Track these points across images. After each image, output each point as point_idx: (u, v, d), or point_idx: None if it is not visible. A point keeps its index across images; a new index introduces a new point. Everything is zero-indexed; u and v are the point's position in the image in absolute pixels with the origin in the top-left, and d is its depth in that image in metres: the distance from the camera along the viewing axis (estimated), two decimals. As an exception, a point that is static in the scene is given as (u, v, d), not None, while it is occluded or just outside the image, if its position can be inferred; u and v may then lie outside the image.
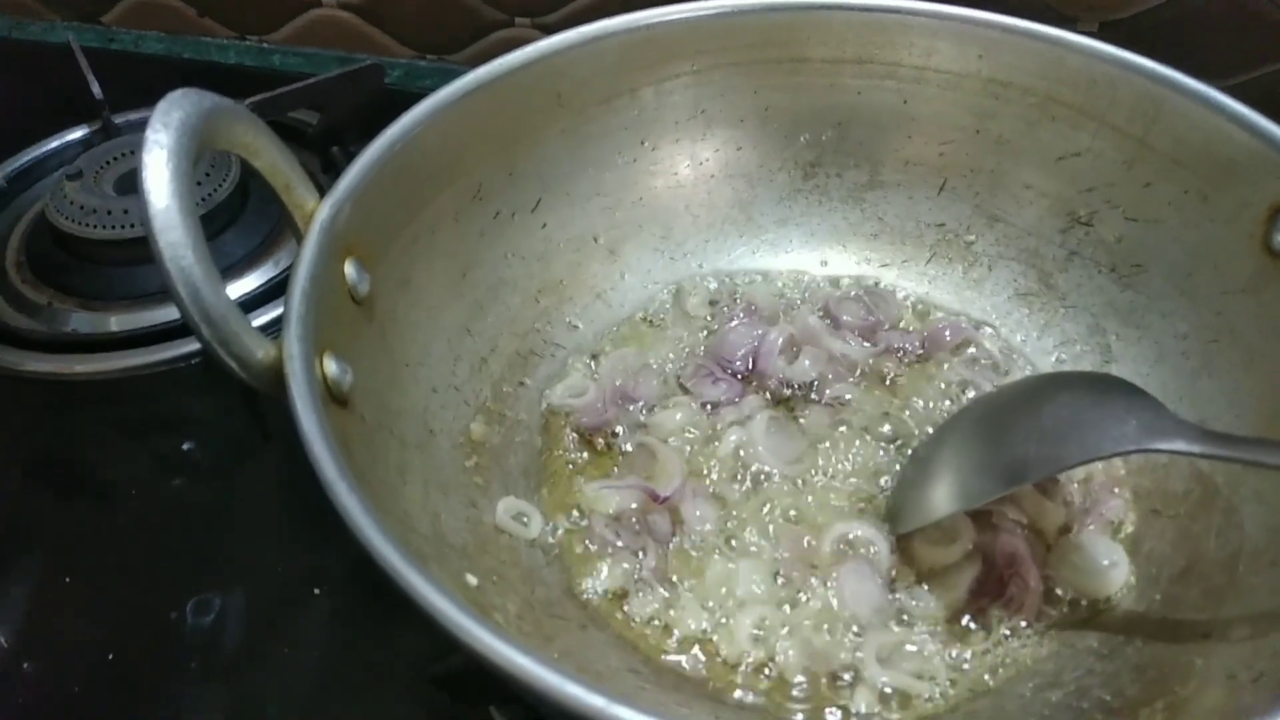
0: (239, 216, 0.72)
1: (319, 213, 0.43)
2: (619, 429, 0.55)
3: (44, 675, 0.49)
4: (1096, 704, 0.43)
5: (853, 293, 0.61)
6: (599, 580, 0.48)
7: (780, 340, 0.57)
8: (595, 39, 0.55)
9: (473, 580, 0.43)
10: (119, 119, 0.80)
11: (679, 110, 0.60)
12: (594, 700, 0.29)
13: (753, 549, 0.49)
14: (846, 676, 0.45)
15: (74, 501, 0.58)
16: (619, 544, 0.49)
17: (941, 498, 0.47)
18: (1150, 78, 0.52)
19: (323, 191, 0.45)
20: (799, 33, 0.58)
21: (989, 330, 0.60)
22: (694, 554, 0.49)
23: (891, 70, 0.58)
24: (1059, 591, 0.48)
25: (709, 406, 0.55)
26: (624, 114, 0.58)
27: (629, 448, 0.54)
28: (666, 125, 0.60)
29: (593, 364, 0.58)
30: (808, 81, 0.59)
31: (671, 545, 0.50)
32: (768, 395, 0.56)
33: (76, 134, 0.80)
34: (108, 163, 0.73)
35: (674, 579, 0.48)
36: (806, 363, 0.57)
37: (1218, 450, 0.42)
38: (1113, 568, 0.48)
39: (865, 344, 0.58)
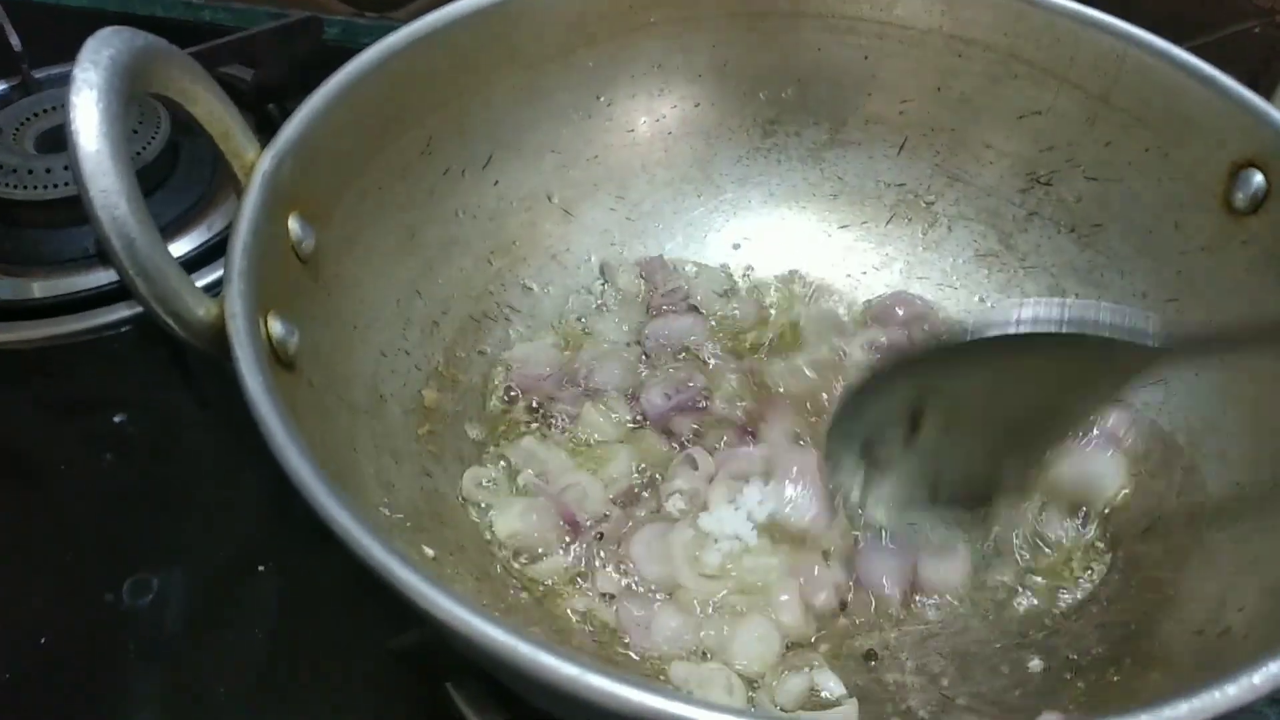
0: (169, 177, 0.68)
1: (260, 164, 0.40)
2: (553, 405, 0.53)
3: (-29, 661, 0.46)
4: (1064, 663, 0.43)
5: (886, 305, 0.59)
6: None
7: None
8: (550, -12, 0.53)
9: (430, 552, 0.41)
10: (39, 74, 0.75)
11: (636, 64, 0.58)
12: (567, 669, 0.28)
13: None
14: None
15: (-2, 479, 0.55)
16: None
17: None
18: (1112, 34, 0.52)
19: (263, 146, 0.42)
20: (760, -15, 0.56)
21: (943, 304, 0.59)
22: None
23: (853, 25, 0.57)
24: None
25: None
26: (579, 68, 0.56)
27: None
28: (623, 80, 0.58)
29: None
30: (768, 37, 0.58)
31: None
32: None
33: (-8, 89, 0.76)
34: (27, 119, 0.69)
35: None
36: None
37: None
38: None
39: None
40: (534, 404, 0.53)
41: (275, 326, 0.38)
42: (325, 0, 0.91)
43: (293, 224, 0.42)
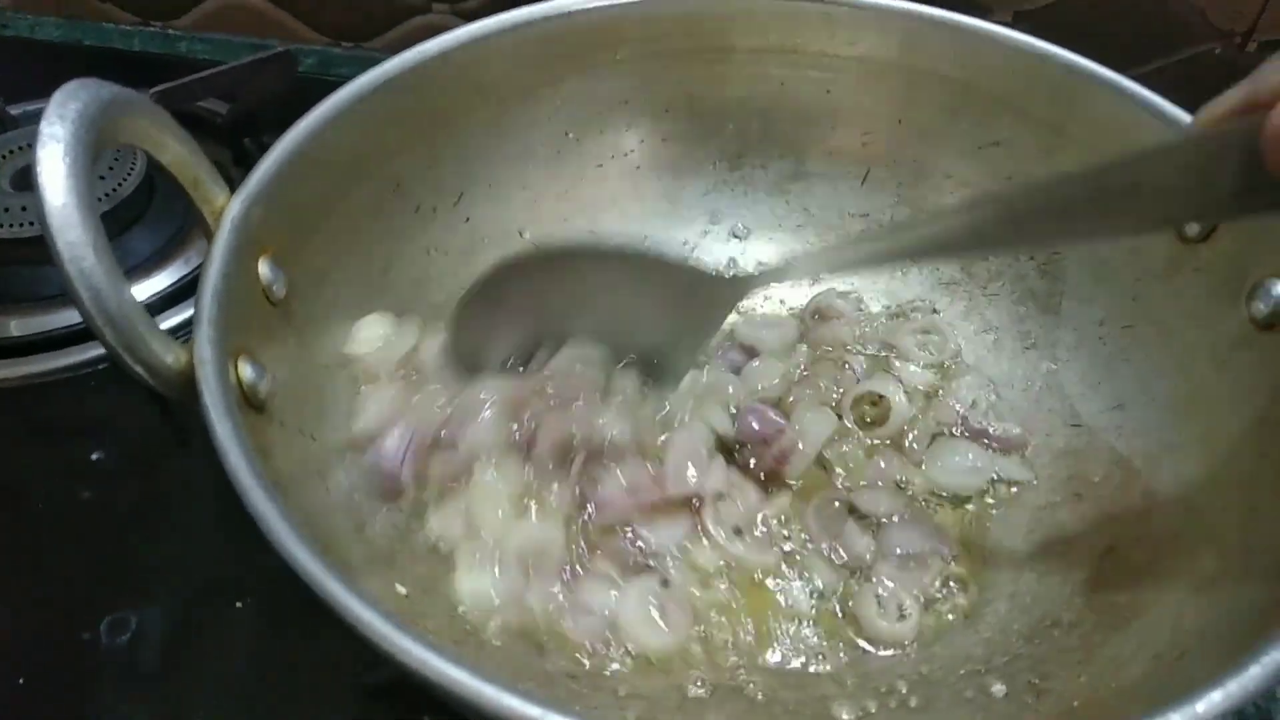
0: (145, 213, 0.68)
1: (230, 209, 0.41)
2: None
3: (-55, 702, 0.47)
4: (1026, 688, 0.43)
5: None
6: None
7: None
8: (517, 27, 0.53)
9: (402, 590, 0.42)
10: (15, 109, 0.75)
11: (603, 101, 0.59)
12: (530, 711, 0.28)
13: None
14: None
15: (-27, 516, 0.55)
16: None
17: None
18: (1065, 67, 0.53)
19: (233, 186, 0.43)
20: (723, 22, 0.57)
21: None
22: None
23: (815, 60, 0.58)
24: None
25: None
26: (547, 104, 0.57)
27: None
28: (591, 116, 0.59)
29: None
30: (732, 71, 0.59)
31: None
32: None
33: (-33, 126, 0.76)
34: (4, 156, 0.69)
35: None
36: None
37: None
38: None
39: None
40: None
41: (246, 370, 0.39)
42: (301, 30, 0.92)
43: (263, 267, 0.42)
